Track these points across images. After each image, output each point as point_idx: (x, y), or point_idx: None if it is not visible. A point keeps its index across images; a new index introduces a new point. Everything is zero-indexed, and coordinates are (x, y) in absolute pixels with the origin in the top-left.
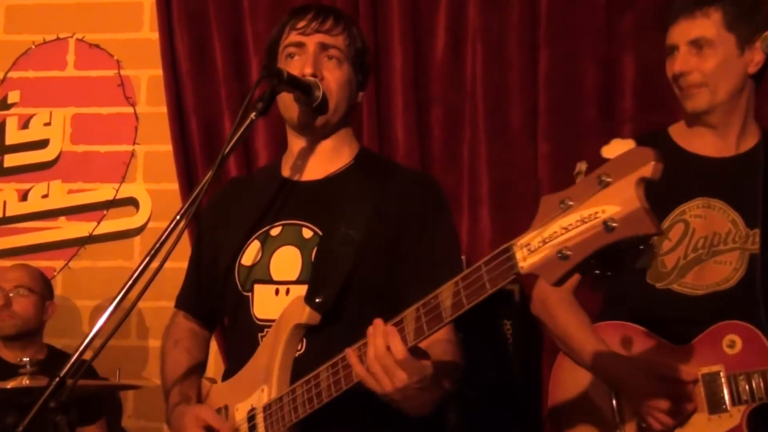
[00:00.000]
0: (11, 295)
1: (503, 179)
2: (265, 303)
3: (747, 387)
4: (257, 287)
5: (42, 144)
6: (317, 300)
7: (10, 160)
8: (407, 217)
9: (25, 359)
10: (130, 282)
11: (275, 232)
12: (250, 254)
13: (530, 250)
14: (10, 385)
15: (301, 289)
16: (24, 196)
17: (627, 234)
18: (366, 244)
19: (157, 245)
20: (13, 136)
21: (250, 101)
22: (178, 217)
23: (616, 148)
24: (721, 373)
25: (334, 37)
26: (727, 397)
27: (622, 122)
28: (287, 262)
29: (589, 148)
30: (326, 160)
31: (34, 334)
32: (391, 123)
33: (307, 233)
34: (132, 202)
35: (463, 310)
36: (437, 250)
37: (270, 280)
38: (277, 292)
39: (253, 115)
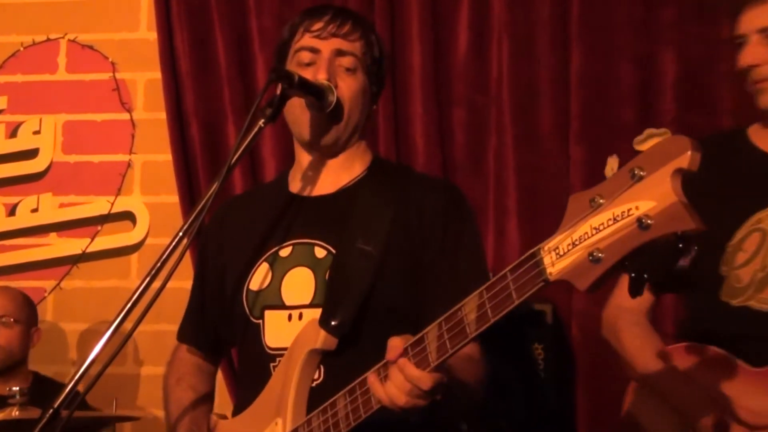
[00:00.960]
0: None
1: (532, 188)
2: (277, 330)
3: None
4: (268, 313)
5: (31, 154)
6: (333, 322)
7: None
8: (428, 227)
9: (14, 389)
10: (129, 304)
11: (285, 252)
12: (259, 278)
13: (559, 254)
14: None
15: (315, 314)
16: (12, 211)
17: (664, 231)
18: (385, 260)
19: (158, 265)
20: None
21: (258, 107)
22: (180, 234)
23: (649, 139)
24: None
25: (352, 43)
26: None
27: (662, 124)
28: (300, 284)
29: (626, 152)
30: (337, 173)
31: (20, 365)
32: (410, 127)
33: (320, 252)
34: (128, 217)
35: (488, 324)
36: (462, 264)
37: (282, 306)
38: (289, 317)
39: (261, 122)
